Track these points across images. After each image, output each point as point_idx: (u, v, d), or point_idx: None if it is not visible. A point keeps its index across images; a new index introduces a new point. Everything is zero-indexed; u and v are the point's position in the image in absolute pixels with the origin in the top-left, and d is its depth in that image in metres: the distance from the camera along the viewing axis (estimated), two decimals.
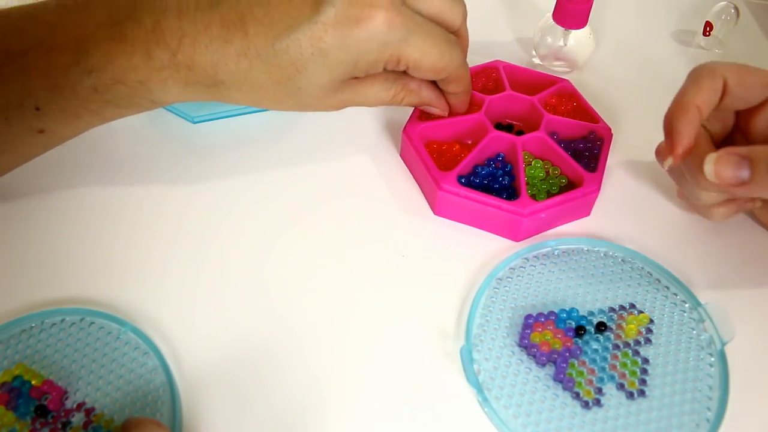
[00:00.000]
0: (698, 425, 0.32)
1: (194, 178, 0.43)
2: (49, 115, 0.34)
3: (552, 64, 0.53)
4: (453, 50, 0.37)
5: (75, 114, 0.35)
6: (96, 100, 0.34)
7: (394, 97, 0.39)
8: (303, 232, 0.40)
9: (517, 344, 0.35)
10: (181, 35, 0.33)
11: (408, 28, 0.34)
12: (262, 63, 0.34)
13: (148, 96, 0.35)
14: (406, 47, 0.35)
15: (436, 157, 0.43)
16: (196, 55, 0.33)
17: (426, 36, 0.35)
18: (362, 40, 0.34)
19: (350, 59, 0.34)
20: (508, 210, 0.39)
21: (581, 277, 0.38)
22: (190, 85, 0.34)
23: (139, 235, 0.40)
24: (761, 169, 0.32)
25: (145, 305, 0.36)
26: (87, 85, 0.33)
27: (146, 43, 0.33)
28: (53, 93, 0.33)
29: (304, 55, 0.34)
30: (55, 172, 0.42)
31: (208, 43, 0.33)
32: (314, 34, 0.33)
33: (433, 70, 0.37)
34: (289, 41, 0.33)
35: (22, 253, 0.38)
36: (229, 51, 0.33)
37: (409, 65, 0.36)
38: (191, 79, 0.34)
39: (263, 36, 0.33)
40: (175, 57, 0.33)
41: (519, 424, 0.32)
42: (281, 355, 0.35)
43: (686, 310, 0.37)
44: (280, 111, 0.40)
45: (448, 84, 0.40)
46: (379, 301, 0.37)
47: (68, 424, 0.31)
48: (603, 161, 0.42)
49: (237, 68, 0.34)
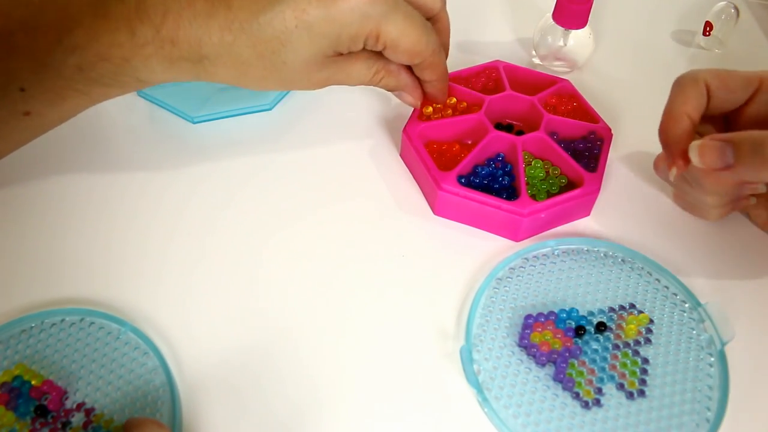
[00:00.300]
0: (698, 425, 0.32)
1: (194, 178, 0.43)
2: (35, 96, 0.34)
3: (552, 64, 0.53)
4: (429, 36, 0.38)
5: (61, 94, 0.35)
6: (81, 80, 0.34)
7: (374, 75, 0.40)
8: (303, 232, 0.40)
9: (517, 344, 0.35)
10: (165, 10, 0.33)
11: (389, 5, 0.35)
12: (246, 36, 0.34)
13: (133, 74, 0.35)
14: (386, 24, 0.35)
15: (436, 157, 0.43)
16: (180, 30, 0.33)
17: (405, 16, 0.36)
18: (345, 11, 0.34)
19: (333, 31, 0.35)
20: (508, 210, 0.39)
21: (581, 277, 0.38)
22: (174, 61, 0.34)
23: (138, 235, 0.40)
24: (744, 149, 0.33)
25: (145, 305, 0.36)
26: (71, 63, 0.33)
27: (130, 20, 0.33)
28: (38, 73, 0.33)
29: (288, 28, 0.34)
30: (55, 172, 0.43)
31: (192, 17, 0.33)
32: (298, 6, 0.34)
33: (409, 52, 0.38)
34: (273, 14, 0.34)
35: (22, 254, 0.38)
36: (212, 25, 0.34)
37: (387, 44, 0.37)
38: (175, 55, 0.34)
39: (247, 9, 0.34)
40: (158, 33, 0.33)
41: (519, 424, 0.32)
42: (281, 354, 0.35)
43: (686, 310, 0.37)
44: (264, 91, 0.40)
45: (423, 70, 0.40)
46: (379, 301, 0.37)
47: (68, 424, 0.31)
48: (603, 161, 0.42)
49: (221, 42, 0.34)
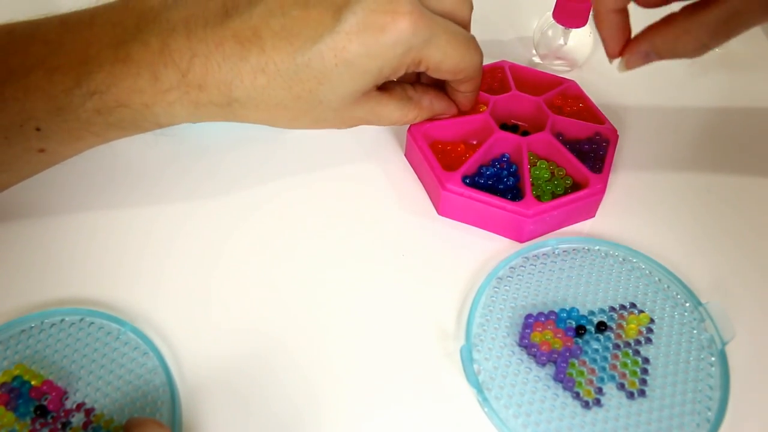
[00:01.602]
0: (699, 425, 0.32)
1: (194, 178, 0.43)
2: (50, 136, 0.34)
3: (552, 63, 0.53)
4: (474, 51, 0.37)
5: (77, 136, 0.34)
6: (98, 123, 0.33)
7: (406, 116, 0.39)
8: (305, 232, 0.40)
9: (517, 344, 0.35)
10: (192, 55, 0.32)
11: (431, 30, 0.34)
12: (281, 79, 0.33)
13: (153, 119, 0.34)
14: (429, 49, 0.34)
15: (440, 157, 0.42)
16: (209, 75, 0.32)
17: (448, 38, 0.35)
18: (388, 46, 0.33)
19: (376, 66, 0.33)
20: (513, 211, 0.39)
21: (581, 276, 0.38)
22: (200, 106, 0.33)
23: (138, 234, 0.40)
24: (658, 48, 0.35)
25: (145, 305, 0.36)
26: (89, 108, 0.32)
27: (153, 65, 0.32)
28: (55, 115, 0.33)
29: (327, 67, 0.33)
30: (54, 172, 0.42)
31: (221, 61, 0.32)
32: (337, 44, 0.32)
33: (453, 72, 0.37)
34: (311, 54, 0.32)
35: (22, 253, 0.38)
36: (244, 68, 0.32)
37: (429, 67, 0.35)
38: (202, 100, 0.33)
39: (282, 50, 0.32)
40: (185, 78, 0.32)
41: (519, 424, 0.32)
42: (281, 354, 0.35)
43: (687, 310, 0.37)
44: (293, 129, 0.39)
45: (461, 84, 0.39)
46: (380, 301, 0.37)
47: (68, 424, 0.31)
48: (609, 162, 0.42)
49: (253, 85, 0.33)
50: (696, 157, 0.47)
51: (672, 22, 0.34)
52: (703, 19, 0.33)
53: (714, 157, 0.47)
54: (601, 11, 0.36)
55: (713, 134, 0.49)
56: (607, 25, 0.36)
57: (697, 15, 0.33)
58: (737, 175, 0.46)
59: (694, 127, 0.50)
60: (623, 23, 0.36)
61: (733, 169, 0.46)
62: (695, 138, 0.49)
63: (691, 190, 0.44)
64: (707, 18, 0.32)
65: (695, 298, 0.37)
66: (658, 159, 0.40)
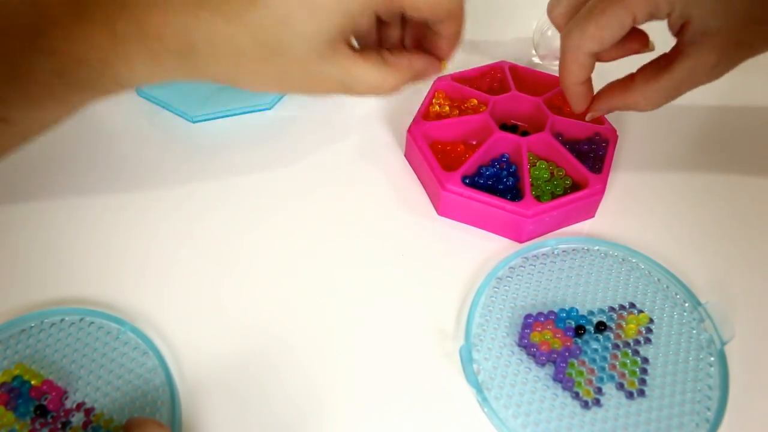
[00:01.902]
0: (698, 425, 0.32)
1: (194, 178, 0.43)
2: (12, 103, 0.32)
3: (552, 64, 0.53)
4: None
5: (38, 102, 0.33)
6: (58, 85, 0.32)
7: (386, 80, 0.36)
8: (305, 233, 0.40)
9: (516, 344, 0.35)
10: (148, 4, 0.31)
11: None
12: (240, 20, 0.31)
13: (113, 77, 0.32)
14: None
15: (440, 158, 0.42)
16: (166, 22, 0.31)
17: None
18: None
19: (340, 7, 0.31)
20: (512, 211, 0.39)
21: (581, 276, 0.38)
22: (159, 57, 0.32)
23: (138, 234, 0.40)
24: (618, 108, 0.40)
25: (145, 305, 0.36)
26: (47, 68, 0.31)
27: (109, 19, 0.31)
28: (13, 79, 0.32)
29: (290, 7, 0.30)
30: (55, 172, 0.43)
31: (180, 7, 0.31)
32: None
33: (432, 6, 0.33)
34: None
35: (22, 253, 0.38)
36: (202, 13, 0.31)
37: (404, 4, 0.32)
38: (160, 49, 0.31)
39: None
40: (142, 28, 0.31)
41: (518, 424, 0.32)
42: (281, 354, 0.35)
43: (686, 310, 0.37)
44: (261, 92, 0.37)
45: (443, 24, 0.35)
46: (380, 301, 0.37)
47: (68, 424, 0.31)
48: (608, 163, 0.42)
49: (213, 30, 0.31)
50: (695, 157, 0.47)
51: (630, 87, 0.39)
52: (656, 86, 0.38)
53: (713, 157, 0.47)
54: (568, 86, 0.40)
55: (712, 134, 0.49)
56: (574, 94, 0.40)
57: (652, 83, 0.38)
58: (736, 175, 0.46)
59: (694, 128, 0.50)
60: (587, 90, 0.40)
61: (732, 169, 0.46)
62: (694, 138, 0.49)
63: (690, 190, 0.44)
64: (660, 85, 0.38)
65: (694, 298, 0.37)
66: (658, 159, 0.40)
